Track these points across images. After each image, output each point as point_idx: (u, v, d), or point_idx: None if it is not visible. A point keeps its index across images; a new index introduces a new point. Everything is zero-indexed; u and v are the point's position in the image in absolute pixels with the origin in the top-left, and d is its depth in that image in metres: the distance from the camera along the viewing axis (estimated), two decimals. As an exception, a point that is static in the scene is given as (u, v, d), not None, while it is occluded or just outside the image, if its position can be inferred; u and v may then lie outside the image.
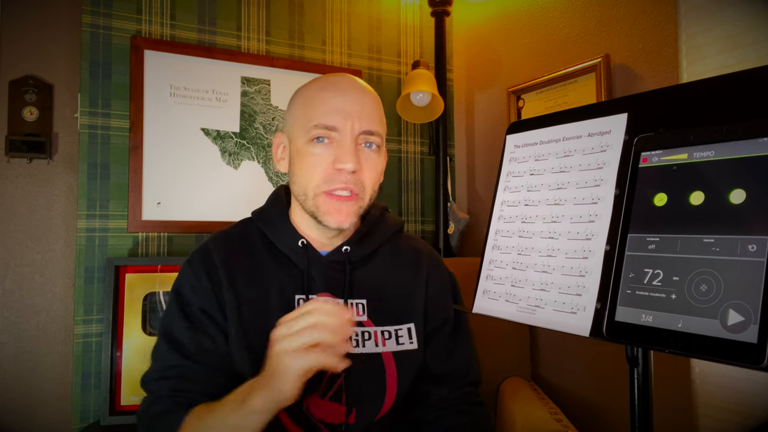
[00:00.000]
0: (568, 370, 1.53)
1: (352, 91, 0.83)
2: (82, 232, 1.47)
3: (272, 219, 0.89)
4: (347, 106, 0.81)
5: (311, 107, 0.82)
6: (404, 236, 0.98)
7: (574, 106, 1.43)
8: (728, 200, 0.48)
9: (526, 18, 1.71)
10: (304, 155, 0.81)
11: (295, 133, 0.84)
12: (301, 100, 0.85)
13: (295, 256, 0.86)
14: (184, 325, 0.81)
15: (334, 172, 0.80)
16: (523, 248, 0.68)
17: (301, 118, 0.83)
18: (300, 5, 1.79)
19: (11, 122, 1.51)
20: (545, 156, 0.69)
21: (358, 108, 0.81)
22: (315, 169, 0.80)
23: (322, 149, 0.80)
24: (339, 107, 0.81)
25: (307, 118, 0.82)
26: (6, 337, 1.52)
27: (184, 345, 0.80)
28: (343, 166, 0.79)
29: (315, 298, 0.83)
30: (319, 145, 0.80)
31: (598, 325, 0.55)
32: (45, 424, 1.53)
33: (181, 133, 1.59)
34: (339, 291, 0.85)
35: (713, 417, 1.13)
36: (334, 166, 0.80)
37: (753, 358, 0.43)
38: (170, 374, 0.79)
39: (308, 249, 0.86)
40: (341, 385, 0.82)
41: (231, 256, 0.85)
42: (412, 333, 0.88)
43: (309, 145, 0.81)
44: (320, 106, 0.81)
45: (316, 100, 0.82)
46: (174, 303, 0.84)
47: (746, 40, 1.08)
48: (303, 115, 0.83)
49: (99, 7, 1.50)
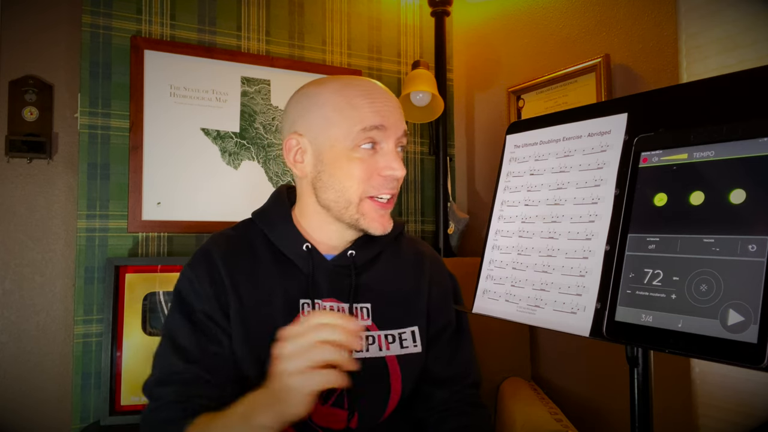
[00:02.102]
0: (568, 370, 1.53)
1: (387, 95, 0.83)
2: (82, 232, 1.47)
3: (274, 221, 0.88)
4: (389, 110, 0.81)
5: (355, 109, 0.79)
6: (406, 238, 0.98)
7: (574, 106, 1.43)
8: (728, 200, 0.48)
9: (526, 18, 1.71)
10: (348, 161, 0.79)
11: (330, 137, 0.80)
12: (338, 103, 0.80)
13: (299, 260, 0.84)
14: (187, 330, 0.80)
15: (382, 178, 0.80)
16: (523, 248, 0.68)
17: (342, 121, 0.79)
18: (300, 5, 1.79)
19: (11, 122, 1.51)
20: (545, 156, 0.69)
21: (397, 112, 0.82)
22: (362, 176, 0.79)
23: (369, 155, 0.80)
24: (383, 110, 0.80)
25: (351, 122, 0.79)
26: (6, 337, 1.52)
27: (188, 350, 0.79)
28: (393, 173, 0.79)
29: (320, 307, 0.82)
30: (366, 151, 0.79)
31: (598, 325, 0.55)
32: (45, 424, 1.53)
33: (181, 133, 1.59)
34: (344, 295, 0.84)
35: (713, 417, 1.13)
36: (382, 172, 0.80)
37: (753, 358, 0.43)
38: (174, 379, 0.77)
39: (313, 253, 0.84)
40: (343, 391, 0.81)
41: (233, 258, 0.84)
42: (416, 336, 0.88)
43: (354, 150, 0.79)
44: (364, 108, 0.79)
45: (359, 103, 0.79)
46: (176, 307, 0.82)
47: (746, 40, 1.08)
48: (345, 118, 0.79)
49: (99, 7, 1.50)
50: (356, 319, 0.65)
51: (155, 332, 1.43)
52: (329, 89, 0.82)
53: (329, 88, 0.83)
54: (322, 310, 0.70)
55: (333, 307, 0.84)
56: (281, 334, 0.62)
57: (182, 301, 0.82)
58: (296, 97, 0.86)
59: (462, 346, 0.94)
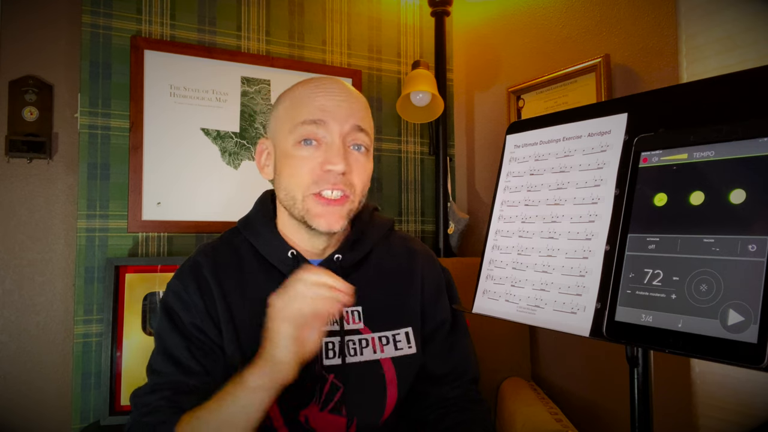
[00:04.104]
0: (568, 370, 1.53)
1: (338, 90, 0.81)
2: (82, 232, 1.47)
3: (258, 230, 0.86)
4: (335, 104, 0.79)
5: (297, 107, 0.79)
6: (396, 235, 0.96)
7: (574, 106, 1.43)
8: (728, 200, 0.48)
9: (526, 18, 1.71)
10: (291, 158, 0.78)
11: (280, 137, 0.81)
12: (287, 102, 0.82)
13: (285, 267, 0.82)
14: (180, 343, 0.79)
15: (323, 174, 0.77)
16: (523, 248, 0.68)
17: (286, 119, 0.80)
18: (300, 5, 1.79)
19: (11, 122, 1.51)
20: (545, 156, 0.69)
21: (345, 106, 0.79)
22: (302, 172, 0.77)
23: (309, 151, 0.78)
24: (326, 105, 0.78)
25: (292, 118, 0.79)
26: (6, 336, 1.52)
27: (182, 361, 0.78)
28: (333, 167, 0.76)
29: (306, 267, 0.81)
30: (306, 148, 0.78)
31: (598, 325, 0.55)
32: (45, 424, 1.53)
33: (181, 133, 1.59)
34: None
35: (713, 417, 1.13)
36: (323, 168, 0.77)
37: (753, 358, 0.43)
38: (168, 387, 0.77)
39: (298, 259, 0.83)
40: (340, 398, 0.80)
41: (221, 269, 0.83)
42: (410, 337, 0.87)
43: (296, 147, 0.78)
44: (307, 104, 0.79)
45: (302, 99, 0.80)
46: (166, 320, 0.81)
47: (746, 40, 1.08)
48: (288, 117, 0.80)
49: (99, 7, 1.50)
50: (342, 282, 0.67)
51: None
52: (289, 90, 0.84)
53: (289, 90, 0.84)
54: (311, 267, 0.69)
55: None
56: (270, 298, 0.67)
57: (171, 314, 0.81)
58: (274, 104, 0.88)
59: (458, 342, 0.94)
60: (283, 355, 0.65)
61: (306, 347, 0.67)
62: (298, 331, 0.66)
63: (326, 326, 0.69)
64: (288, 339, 0.65)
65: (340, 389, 0.80)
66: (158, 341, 0.81)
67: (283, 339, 0.65)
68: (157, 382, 0.78)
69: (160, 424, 0.72)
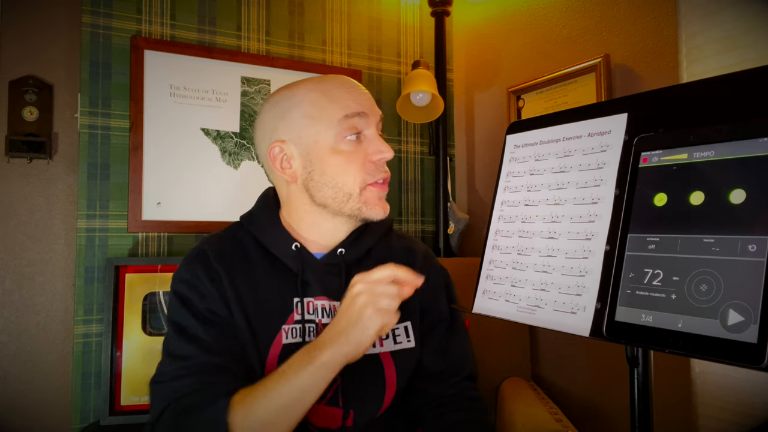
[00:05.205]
0: (568, 370, 1.53)
1: (357, 84, 0.85)
2: (82, 232, 1.47)
3: (263, 223, 0.87)
4: (364, 97, 0.84)
5: (331, 102, 0.80)
6: (394, 234, 0.97)
7: (574, 106, 1.43)
8: (728, 200, 0.48)
9: (526, 18, 1.71)
10: (338, 154, 0.80)
11: (315, 134, 0.81)
12: (316, 99, 0.82)
13: (288, 259, 0.83)
14: (199, 326, 0.78)
15: (373, 163, 0.82)
16: (523, 248, 0.68)
17: (322, 116, 0.80)
18: (300, 5, 1.79)
19: (11, 122, 1.51)
20: (545, 156, 0.69)
21: (371, 99, 0.85)
22: (355, 166, 0.80)
23: (355, 145, 0.81)
24: (359, 98, 0.82)
25: (331, 114, 0.80)
26: (6, 336, 1.52)
27: (204, 342, 0.76)
28: (383, 156, 0.81)
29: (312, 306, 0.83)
30: (351, 142, 0.81)
31: (598, 325, 0.55)
32: (45, 424, 1.53)
33: (181, 133, 1.59)
34: (335, 293, 0.84)
35: (713, 417, 1.13)
36: (373, 158, 0.81)
37: (753, 358, 0.43)
38: (197, 369, 0.74)
39: (302, 252, 0.84)
40: (338, 389, 0.81)
41: (227, 257, 0.83)
42: (409, 331, 0.88)
43: (342, 142, 0.80)
44: (343, 99, 0.81)
45: (334, 94, 0.81)
46: (180, 306, 0.80)
47: (746, 40, 1.08)
48: (325, 113, 0.80)
49: (99, 7, 1.50)
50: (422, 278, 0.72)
51: (155, 332, 1.43)
52: (303, 88, 0.84)
53: (303, 88, 0.84)
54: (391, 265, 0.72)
55: (325, 305, 0.84)
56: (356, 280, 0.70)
57: (185, 300, 0.80)
58: (268, 106, 0.86)
59: (456, 339, 0.94)
60: (364, 337, 0.67)
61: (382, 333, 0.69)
62: (380, 317, 0.67)
63: None
64: (373, 322, 0.67)
65: (337, 381, 0.80)
66: (174, 328, 0.79)
67: (368, 320, 0.67)
68: (182, 366, 0.75)
69: (205, 405, 0.69)
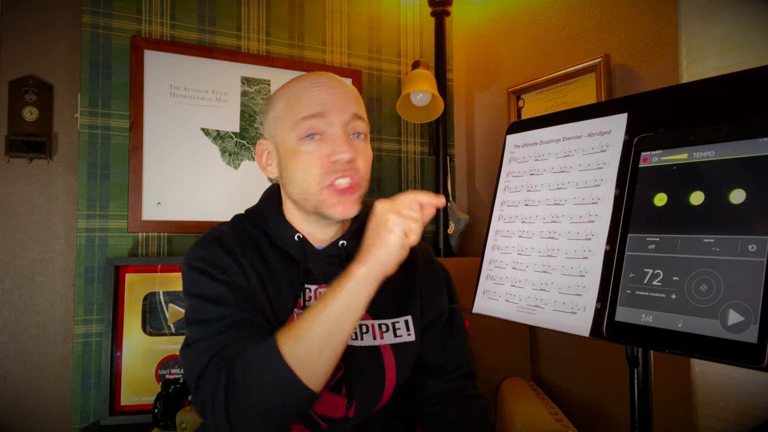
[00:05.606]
0: (568, 370, 1.53)
1: (333, 83, 0.83)
2: (82, 232, 1.47)
3: (267, 215, 0.89)
4: (332, 96, 0.81)
5: (295, 104, 0.81)
6: None
7: (574, 106, 1.43)
8: (728, 200, 0.48)
9: (526, 18, 1.71)
10: (297, 154, 0.80)
11: (281, 135, 0.83)
12: (283, 101, 0.84)
13: (291, 249, 0.86)
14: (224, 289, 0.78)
15: (332, 164, 0.79)
16: (523, 248, 0.68)
17: (285, 118, 0.82)
18: (300, 5, 1.79)
19: (11, 122, 1.51)
20: (545, 156, 0.69)
21: (342, 97, 0.82)
22: (311, 166, 0.80)
23: (314, 146, 0.80)
24: (324, 98, 0.81)
25: (292, 116, 0.81)
26: (6, 336, 1.52)
27: (233, 302, 0.77)
28: (340, 157, 0.78)
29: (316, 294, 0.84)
30: (310, 143, 0.80)
31: (598, 325, 0.55)
32: (45, 424, 1.53)
33: (181, 133, 1.59)
34: None
35: (713, 417, 1.13)
36: (330, 158, 0.79)
37: (753, 358, 0.43)
38: (230, 325, 0.75)
39: (304, 243, 0.86)
40: (341, 377, 0.82)
41: (240, 240, 0.85)
42: (410, 325, 0.89)
43: (300, 143, 0.80)
44: (306, 99, 0.81)
45: (299, 96, 0.82)
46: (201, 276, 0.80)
47: (746, 40, 1.08)
48: (288, 115, 0.82)
49: (99, 7, 1.50)
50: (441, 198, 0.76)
51: (155, 332, 1.43)
52: (280, 90, 0.87)
53: (280, 89, 0.87)
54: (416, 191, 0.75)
55: None
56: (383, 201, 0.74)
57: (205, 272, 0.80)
58: (264, 106, 0.90)
59: (455, 335, 0.95)
60: (392, 238, 0.70)
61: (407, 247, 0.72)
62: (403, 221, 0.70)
63: None
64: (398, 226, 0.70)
65: (341, 368, 0.81)
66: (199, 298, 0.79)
67: (393, 225, 0.70)
68: (219, 325, 0.75)
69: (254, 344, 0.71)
